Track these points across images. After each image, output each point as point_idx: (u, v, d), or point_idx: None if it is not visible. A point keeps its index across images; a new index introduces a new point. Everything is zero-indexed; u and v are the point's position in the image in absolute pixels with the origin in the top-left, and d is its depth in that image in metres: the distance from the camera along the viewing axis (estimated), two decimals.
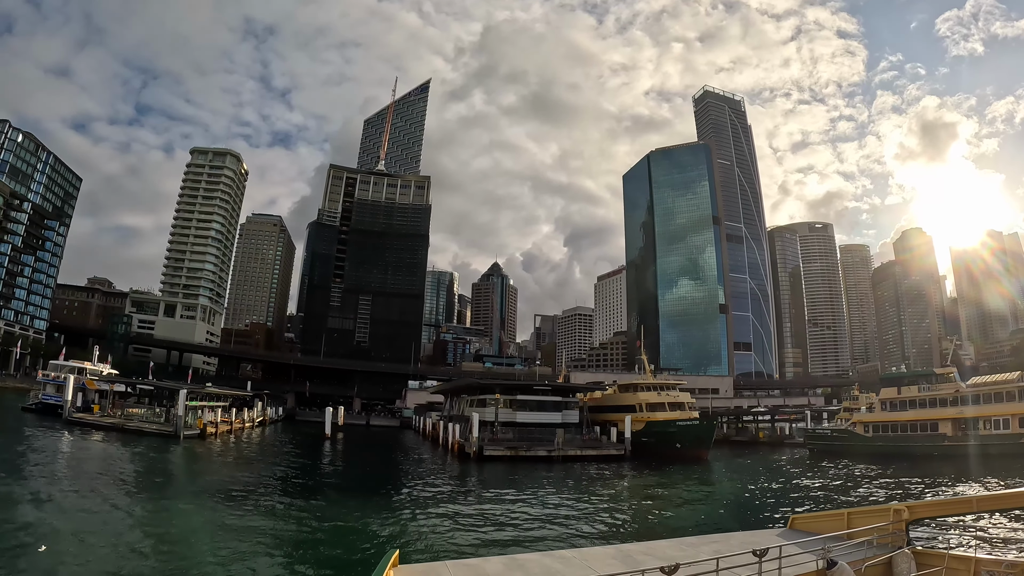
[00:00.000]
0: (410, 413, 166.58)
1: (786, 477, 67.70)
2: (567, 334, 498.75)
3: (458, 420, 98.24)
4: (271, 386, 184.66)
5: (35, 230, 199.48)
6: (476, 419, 79.09)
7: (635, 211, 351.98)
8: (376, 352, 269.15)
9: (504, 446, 79.22)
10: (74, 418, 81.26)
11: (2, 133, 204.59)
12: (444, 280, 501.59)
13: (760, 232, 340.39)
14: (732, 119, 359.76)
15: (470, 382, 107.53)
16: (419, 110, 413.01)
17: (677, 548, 15.26)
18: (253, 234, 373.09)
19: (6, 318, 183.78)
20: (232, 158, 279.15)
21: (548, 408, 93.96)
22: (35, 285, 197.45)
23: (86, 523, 29.43)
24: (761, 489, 57.42)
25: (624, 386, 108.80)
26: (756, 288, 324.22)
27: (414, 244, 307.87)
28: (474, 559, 15.14)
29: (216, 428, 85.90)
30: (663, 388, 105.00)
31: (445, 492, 50.31)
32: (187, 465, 58.92)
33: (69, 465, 49.85)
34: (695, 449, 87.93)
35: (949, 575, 13.72)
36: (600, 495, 51.99)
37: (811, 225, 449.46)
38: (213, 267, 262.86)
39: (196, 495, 41.19)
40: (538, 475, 63.71)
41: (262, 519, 34.36)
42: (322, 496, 45.43)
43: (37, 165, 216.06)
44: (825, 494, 53.42)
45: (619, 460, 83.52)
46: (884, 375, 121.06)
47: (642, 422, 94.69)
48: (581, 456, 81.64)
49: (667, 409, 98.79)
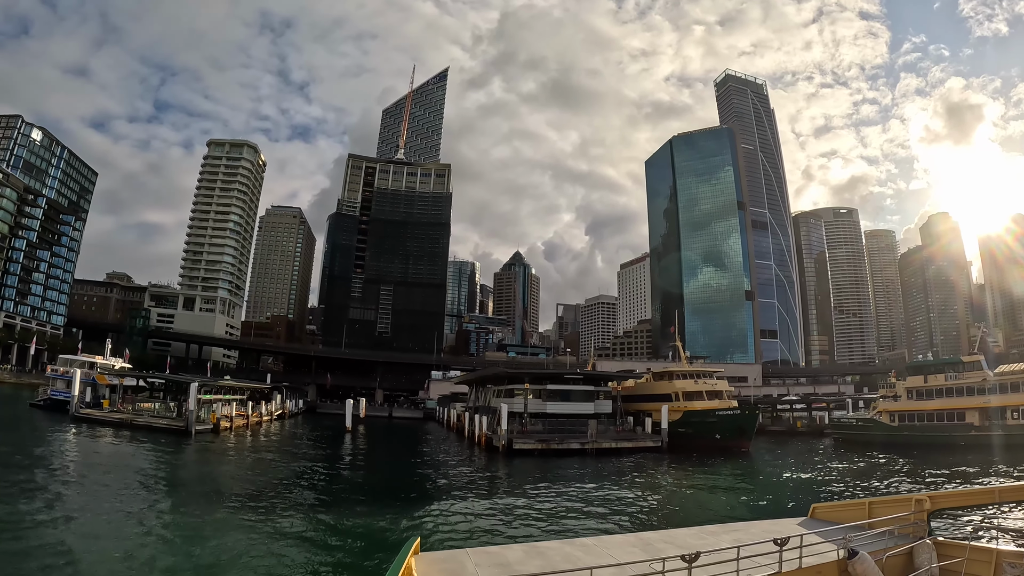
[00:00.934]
0: (433, 404, 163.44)
1: (846, 469, 62.38)
2: (590, 323, 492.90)
3: (484, 411, 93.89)
4: (292, 378, 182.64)
5: (50, 225, 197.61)
6: (505, 410, 74.14)
7: (658, 198, 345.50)
8: (398, 343, 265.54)
9: (535, 439, 74.43)
10: (81, 414, 77.57)
11: (15, 129, 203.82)
12: (466, 270, 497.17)
13: (785, 218, 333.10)
14: (755, 103, 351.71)
15: (497, 371, 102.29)
16: (438, 99, 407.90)
17: (697, 536, 15.29)
18: (273, 227, 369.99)
19: (22, 314, 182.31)
20: (249, 149, 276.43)
21: (580, 398, 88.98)
22: (52, 280, 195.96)
23: (94, 529, 27.17)
24: (818, 482, 52.63)
25: (658, 374, 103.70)
26: (781, 275, 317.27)
27: (435, 233, 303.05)
28: (494, 547, 14.98)
29: (231, 423, 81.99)
30: (700, 376, 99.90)
31: (475, 491, 45.77)
32: (195, 463, 54.52)
33: (65, 465, 45.58)
34: (736, 440, 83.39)
35: (970, 567, 13.49)
36: (643, 493, 47.10)
37: (836, 210, 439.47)
38: (232, 259, 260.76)
39: (200, 496, 37.61)
40: (572, 470, 59.97)
41: (272, 521, 31.22)
42: (342, 495, 42.10)
43: (52, 160, 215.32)
44: (899, 481, 50.57)
45: (656, 452, 78.99)
46: (910, 363, 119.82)
47: (679, 412, 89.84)
48: (616, 449, 76.83)
49: (705, 398, 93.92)
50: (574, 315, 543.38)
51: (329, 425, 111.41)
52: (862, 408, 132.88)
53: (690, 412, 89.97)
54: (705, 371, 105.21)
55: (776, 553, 11.93)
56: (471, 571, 12.02)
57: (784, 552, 11.98)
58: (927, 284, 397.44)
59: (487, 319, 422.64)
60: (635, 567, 11.55)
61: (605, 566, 11.37)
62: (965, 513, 28.90)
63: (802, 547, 12.36)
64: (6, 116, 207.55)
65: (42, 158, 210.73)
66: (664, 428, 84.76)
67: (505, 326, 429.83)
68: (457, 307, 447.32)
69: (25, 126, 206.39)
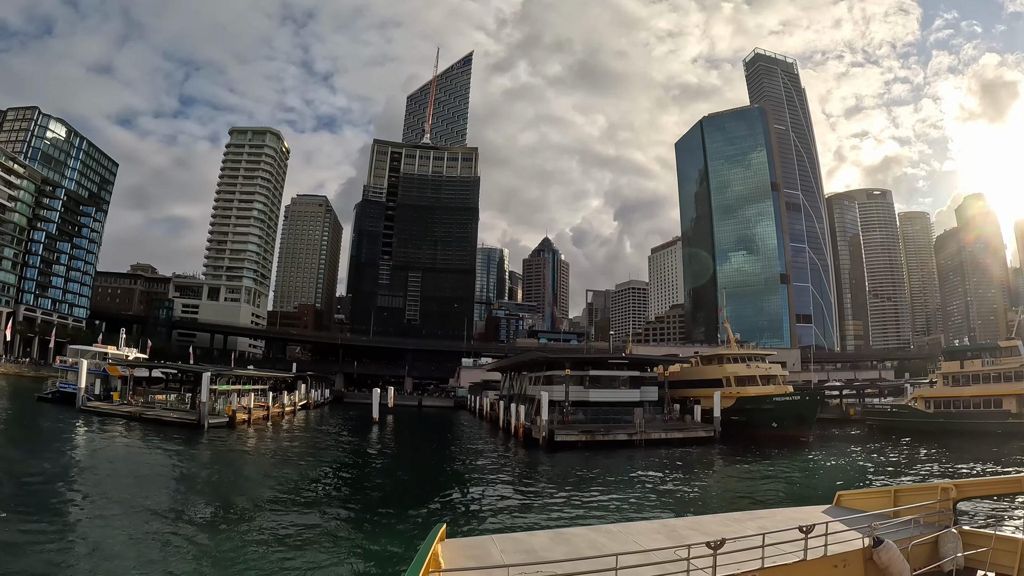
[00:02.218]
0: (464, 393, 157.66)
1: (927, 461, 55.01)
2: (621, 308, 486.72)
3: (520, 400, 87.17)
4: (319, 368, 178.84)
5: (70, 217, 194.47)
6: (545, 399, 67.12)
7: (688, 180, 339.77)
8: (427, 330, 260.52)
9: (578, 430, 67.46)
10: (88, 407, 72.16)
11: (32, 120, 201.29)
12: (494, 257, 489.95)
13: (818, 200, 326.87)
14: (785, 82, 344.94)
15: (535, 356, 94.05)
16: (463, 83, 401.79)
17: (723, 523, 15.38)
18: (299, 216, 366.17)
19: (43, 307, 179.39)
20: (272, 136, 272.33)
21: (625, 384, 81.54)
22: (73, 273, 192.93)
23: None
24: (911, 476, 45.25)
25: (707, 357, 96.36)
26: (815, 258, 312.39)
27: (463, 217, 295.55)
28: (520, 533, 15.61)
29: (249, 415, 75.87)
30: (752, 359, 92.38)
31: (520, 494, 38.77)
32: (203, 462, 48.00)
33: (63, 463, 40.23)
34: (795, 429, 75.76)
35: (996, 557, 13.39)
36: (712, 492, 42.11)
37: (869, 192, 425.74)
38: (256, 247, 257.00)
39: (198, 498, 33.49)
40: (621, 464, 54.47)
41: (286, 524, 27.73)
42: (366, 497, 37.04)
43: (71, 152, 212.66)
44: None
45: (708, 443, 72.21)
46: (946, 348, 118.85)
47: (731, 398, 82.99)
48: (666, 439, 70.01)
49: (759, 382, 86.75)
50: (604, 301, 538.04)
51: (356, 416, 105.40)
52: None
53: (744, 398, 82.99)
54: (757, 354, 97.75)
55: (801, 540, 12.01)
56: (496, 557, 12.08)
57: (809, 540, 12.06)
58: (964, 267, 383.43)
59: (516, 305, 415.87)
60: (660, 553, 11.54)
61: (630, 552, 11.25)
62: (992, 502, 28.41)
63: (827, 535, 12.44)
64: (23, 108, 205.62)
65: (60, 149, 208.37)
66: (717, 417, 77.90)
67: (535, 312, 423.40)
68: (486, 294, 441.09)
69: (42, 117, 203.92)
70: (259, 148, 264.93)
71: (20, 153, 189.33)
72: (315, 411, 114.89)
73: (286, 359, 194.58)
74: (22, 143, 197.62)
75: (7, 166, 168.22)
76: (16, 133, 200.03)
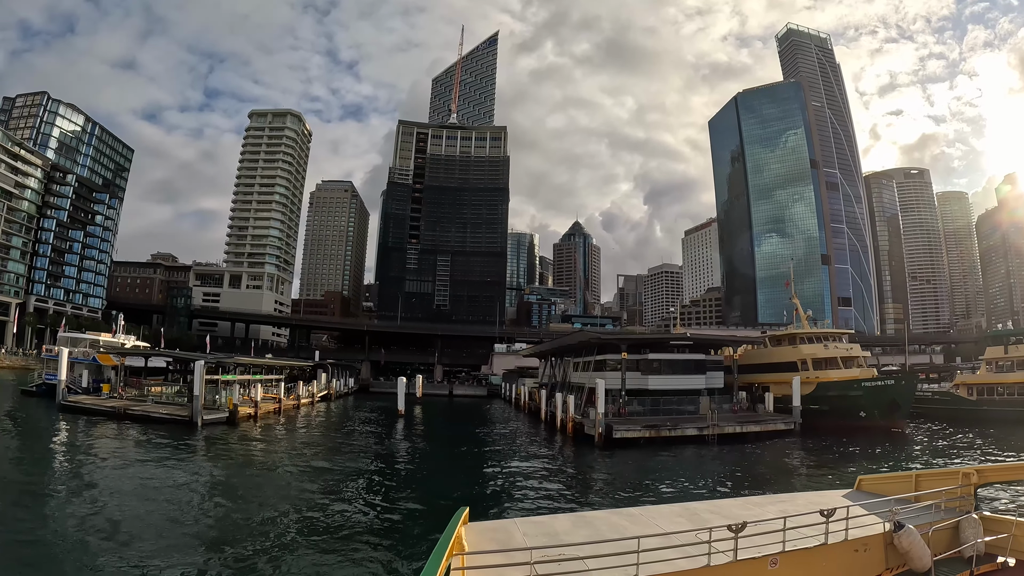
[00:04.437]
0: (498, 380, 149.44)
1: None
2: (653, 293, 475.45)
3: (564, 388, 75.89)
4: (346, 356, 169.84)
5: (83, 204, 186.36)
6: (602, 387, 55.59)
7: (723, 159, 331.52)
8: (457, 316, 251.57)
9: (641, 424, 56.03)
10: (68, 402, 62.46)
11: (42, 106, 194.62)
12: (524, 242, 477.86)
13: (856, 179, 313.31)
14: (819, 58, 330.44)
15: (585, 338, 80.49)
16: (489, 64, 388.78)
17: (744, 507, 15.65)
18: (324, 202, 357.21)
19: (55, 297, 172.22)
20: (293, 118, 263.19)
21: (689, 369, 69.95)
22: (87, 262, 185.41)
23: None
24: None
25: (777, 338, 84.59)
26: (854, 239, 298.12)
27: (493, 199, 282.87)
28: (542, 516, 16.86)
29: (255, 409, 65.65)
30: (830, 339, 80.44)
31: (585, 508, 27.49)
32: (176, 476, 36.60)
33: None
34: (887, 419, 65.10)
35: (1016, 543, 13.40)
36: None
37: (906, 171, 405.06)
38: (278, 232, 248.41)
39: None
40: (693, 465, 45.66)
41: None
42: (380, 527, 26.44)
43: (83, 137, 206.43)
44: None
45: (788, 437, 60.99)
46: (990, 332, 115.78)
47: (810, 384, 71.29)
48: (741, 434, 58.63)
49: (840, 365, 74.75)
50: (635, 286, 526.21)
51: (381, 407, 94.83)
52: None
53: (825, 384, 71.66)
54: (836, 333, 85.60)
55: (822, 524, 12.10)
56: (519, 540, 12.29)
57: (830, 523, 12.10)
58: (1006, 248, 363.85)
59: (548, 290, 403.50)
60: (681, 536, 11.38)
61: (652, 535, 11.40)
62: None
63: (848, 519, 12.45)
64: (32, 94, 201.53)
65: (72, 135, 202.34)
66: (796, 406, 66.46)
67: (567, 297, 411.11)
68: (516, 280, 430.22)
69: (52, 103, 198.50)
70: (280, 130, 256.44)
71: (30, 140, 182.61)
72: (337, 403, 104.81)
73: (310, 347, 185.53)
74: (31, 130, 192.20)
75: (13, 152, 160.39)
76: (25, 120, 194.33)
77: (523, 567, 10.38)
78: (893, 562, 12.70)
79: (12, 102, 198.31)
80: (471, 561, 10.47)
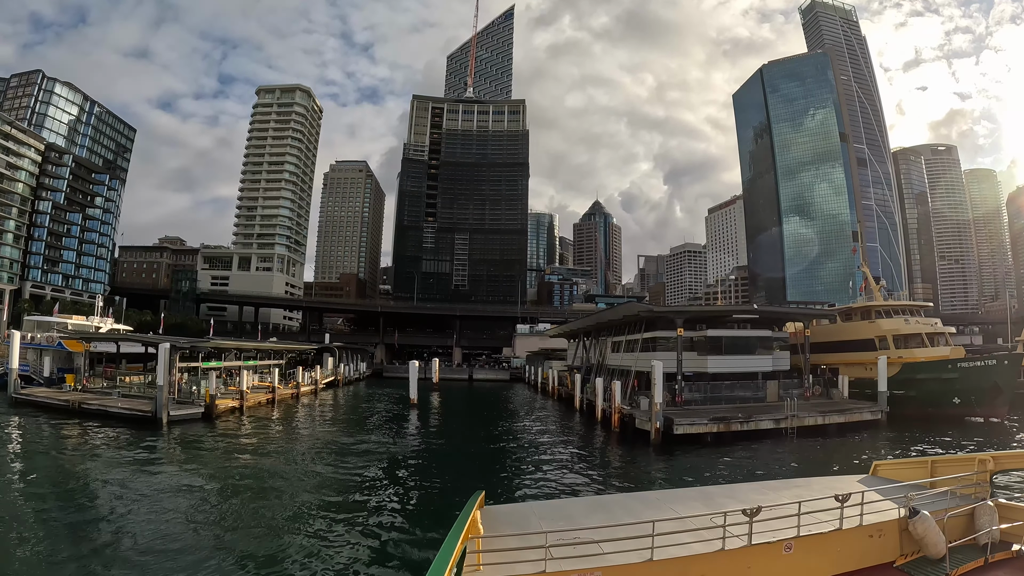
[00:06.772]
0: (521, 363, 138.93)
1: None
2: (675, 273, 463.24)
3: (599, 372, 65.28)
4: (360, 339, 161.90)
5: (81, 185, 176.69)
6: (659, 371, 44.40)
7: (748, 134, 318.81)
8: (477, 296, 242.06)
9: (707, 416, 45.08)
10: (21, 395, 53.06)
11: (36, 84, 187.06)
12: (544, 222, 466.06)
13: (884, 155, 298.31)
14: (845, 31, 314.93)
15: (635, 309, 66.61)
16: (505, 39, 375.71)
17: (759, 491, 15.26)
18: (339, 183, 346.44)
19: (53, 283, 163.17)
20: (302, 93, 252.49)
21: (753, 348, 59.00)
22: (86, 246, 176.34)
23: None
24: None
25: (848, 311, 72.90)
26: (883, 216, 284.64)
27: (512, 174, 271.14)
28: (558, 500, 17.08)
29: (241, 401, 55.54)
30: (913, 312, 69.19)
31: None
32: (98, 508, 26.79)
33: None
34: (987, 406, 54.71)
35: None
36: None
37: (934, 148, 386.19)
38: (289, 212, 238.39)
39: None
40: (772, 467, 35.85)
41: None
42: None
43: (81, 117, 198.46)
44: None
45: (873, 428, 50.51)
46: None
47: (895, 365, 60.07)
48: (823, 426, 47.68)
49: (926, 343, 63.06)
50: (656, 266, 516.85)
51: (392, 395, 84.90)
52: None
53: (912, 365, 60.46)
54: (918, 306, 74.05)
55: (837, 509, 11.91)
56: (535, 523, 12.18)
57: (845, 509, 11.94)
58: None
59: (569, 270, 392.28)
60: (697, 520, 11.32)
61: (667, 519, 11.12)
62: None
63: (863, 504, 12.28)
64: (26, 73, 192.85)
65: (69, 114, 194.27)
66: (882, 391, 55.67)
67: (588, 278, 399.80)
68: (536, 260, 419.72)
69: (47, 81, 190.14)
70: (288, 106, 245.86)
71: (24, 121, 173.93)
72: (345, 389, 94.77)
73: (323, 331, 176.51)
74: (26, 110, 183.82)
75: (4, 131, 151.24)
76: (20, 99, 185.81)
77: (538, 550, 10.02)
78: (908, 548, 12.43)
79: (7, 83, 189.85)
80: (487, 544, 10.26)
